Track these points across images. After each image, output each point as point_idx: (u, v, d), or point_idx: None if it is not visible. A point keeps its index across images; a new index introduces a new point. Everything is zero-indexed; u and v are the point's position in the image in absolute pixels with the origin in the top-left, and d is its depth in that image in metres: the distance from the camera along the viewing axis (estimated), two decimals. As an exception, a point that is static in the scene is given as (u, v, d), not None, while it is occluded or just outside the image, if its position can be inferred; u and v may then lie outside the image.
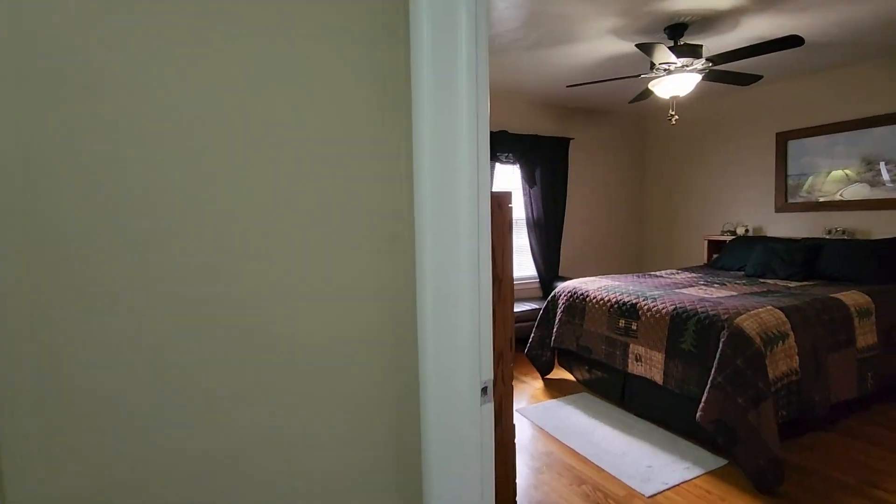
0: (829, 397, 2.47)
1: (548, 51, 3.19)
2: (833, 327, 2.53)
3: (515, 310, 4.25)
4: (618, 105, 4.90)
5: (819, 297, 2.68)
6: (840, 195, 3.78)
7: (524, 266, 4.84)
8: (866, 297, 2.77)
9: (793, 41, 2.29)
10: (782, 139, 4.14)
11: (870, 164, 3.61)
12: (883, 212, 3.56)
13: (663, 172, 5.28)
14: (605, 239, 5.32)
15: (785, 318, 2.38)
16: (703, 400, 2.28)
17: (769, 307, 2.44)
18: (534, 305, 4.35)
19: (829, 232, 3.79)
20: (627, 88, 4.12)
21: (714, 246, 4.56)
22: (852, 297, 2.72)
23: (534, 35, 2.92)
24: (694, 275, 3.72)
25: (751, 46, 2.41)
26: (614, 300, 3.01)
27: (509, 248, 1.74)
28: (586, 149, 5.10)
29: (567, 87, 3.06)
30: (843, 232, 3.72)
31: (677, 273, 3.84)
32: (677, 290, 2.98)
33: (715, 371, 2.28)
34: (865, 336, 2.66)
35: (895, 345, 2.82)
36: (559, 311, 3.43)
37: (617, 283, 3.34)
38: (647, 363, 2.71)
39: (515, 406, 3.14)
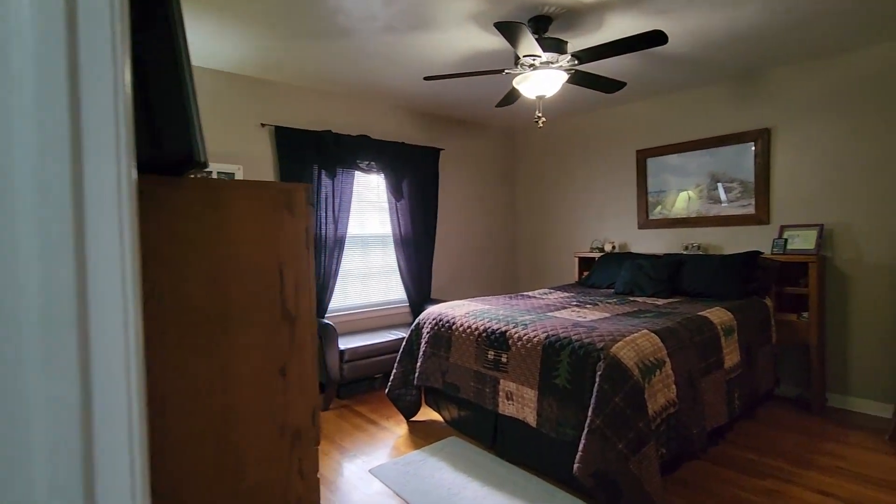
0: (706, 427, 2.26)
1: (404, 37, 2.73)
2: (704, 349, 2.36)
3: (382, 340, 3.68)
4: (488, 116, 4.67)
5: (689, 315, 2.52)
6: (695, 212, 3.87)
7: (393, 289, 4.29)
8: (729, 314, 2.68)
9: (656, 37, 2.09)
10: (642, 156, 4.19)
11: (718, 181, 3.74)
12: (731, 228, 3.68)
13: (534, 188, 5.17)
14: (480, 257, 5.02)
15: (661, 343, 2.12)
16: (580, 448, 1.90)
17: (644, 331, 2.17)
18: (403, 334, 3.81)
19: (687, 248, 3.85)
20: (497, 96, 3.85)
21: (584, 263, 4.47)
22: (718, 315, 2.61)
23: (386, 14, 2.43)
24: (566, 294, 3.48)
25: (615, 41, 2.19)
26: (482, 328, 2.57)
27: (306, 270, 1.16)
28: (457, 161, 4.77)
29: (424, 78, 2.63)
30: (699, 247, 3.79)
31: (550, 293, 3.59)
32: (550, 314, 2.65)
33: (592, 412, 1.91)
34: (731, 355, 2.55)
35: (754, 361, 2.78)
36: (423, 342, 2.92)
37: (487, 306, 2.93)
38: (519, 402, 2.30)
39: (372, 465, 2.53)
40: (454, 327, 2.74)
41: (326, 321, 3.28)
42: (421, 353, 2.91)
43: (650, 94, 4.01)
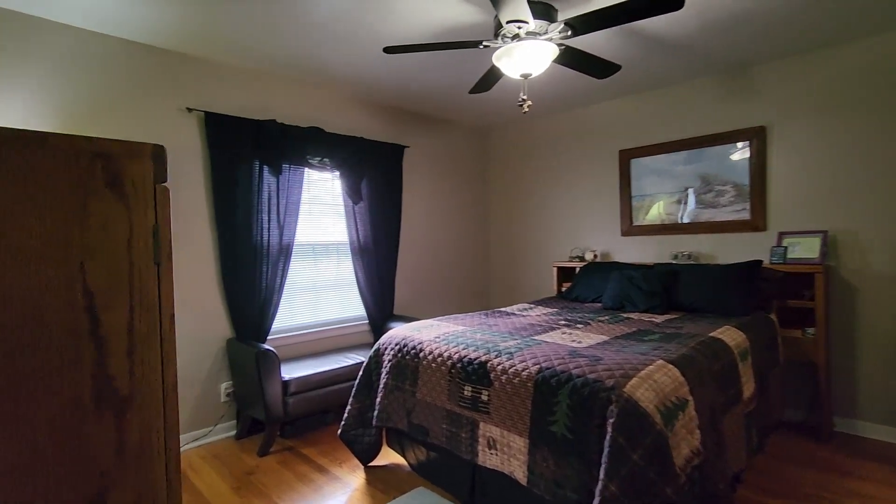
0: (728, 475, 1.86)
1: (356, 5, 2.24)
2: (724, 380, 1.97)
3: (336, 366, 3.13)
4: (459, 111, 4.23)
5: (702, 338, 2.12)
6: (683, 218, 3.54)
7: (349, 304, 3.75)
8: (741, 333, 2.31)
9: (671, 1, 1.70)
10: (625, 158, 3.85)
11: (709, 184, 3.43)
12: (724, 235, 3.36)
13: (509, 192, 4.76)
14: (449, 268, 4.55)
15: (682, 378, 1.70)
16: (590, 523, 1.44)
17: (660, 361, 1.75)
18: (362, 357, 3.27)
19: (676, 257, 3.51)
20: (470, 82, 3.42)
21: (564, 274, 4.08)
22: (731, 336, 2.23)
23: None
24: (550, 310, 3.05)
25: (623, 3, 1.78)
26: (457, 356, 2.09)
27: (154, 303, 0.66)
28: (424, 161, 4.30)
29: (384, 50, 2.15)
30: (689, 256, 3.46)
31: (531, 308, 3.15)
32: (537, 338, 2.20)
33: (604, 474, 1.46)
34: (748, 384, 2.18)
35: (766, 388, 2.42)
36: (383, 372, 2.41)
37: (460, 327, 2.46)
38: (505, 452, 1.83)
39: (315, 534, 1.98)
40: (422, 355, 2.24)
41: (267, 347, 2.72)
42: (381, 385, 2.40)
43: (634, 90, 3.68)
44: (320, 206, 3.57)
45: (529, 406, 1.76)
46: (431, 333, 2.37)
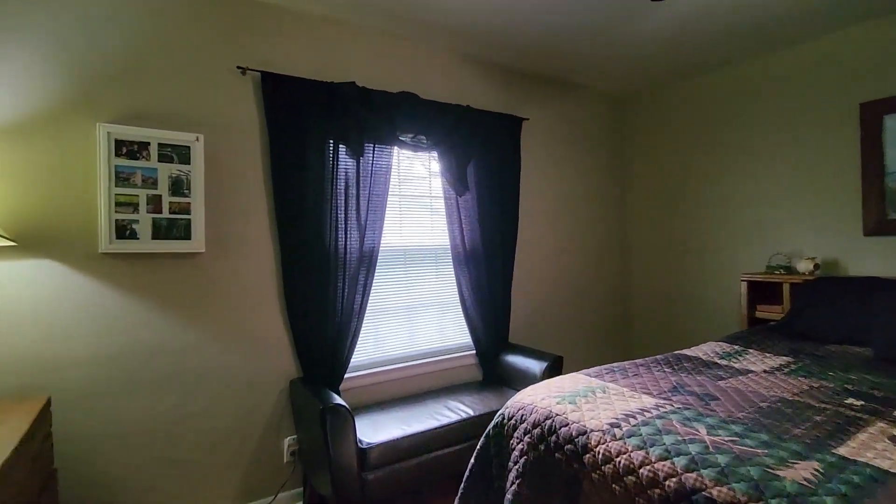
0: None
1: None
2: None
3: (436, 424, 2.14)
4: (596, 67, 3.13)
5: None
6: None
7: (450, 329, 2.84)
8: None
9: None
10: (873, 113, 2.47)
11: None
12: None
13: (664, 176, 3.53)
14: (580, 281, 3.44)
15: None
16: None
17: None
18: (467, 409, 2.33)
19: None
20: (614, 20, 2.33)
21: (757, 291, 2.78)
22: None
23: None
24: (780, 360, 1.84)
25: None
26: (674, 484, 1.04)
27: None
28: (547, 138, 3.26)
29: None
30: None
31: (741, 354, 1.96)
32: (843, 452, 1.03)
33: None
34: None
35: None
36: (513, 467, 1.42)
37: (647, 399, 1.39)
38: None
39: None
40: (589, 459, 1.21)
41: (337, 400, 1.88)
42: (509, 490, 1.41)
43: (890, 9, 2.31)
44: (413, 199, 2.70)
45: None
46: (601, 412, 1.33)
